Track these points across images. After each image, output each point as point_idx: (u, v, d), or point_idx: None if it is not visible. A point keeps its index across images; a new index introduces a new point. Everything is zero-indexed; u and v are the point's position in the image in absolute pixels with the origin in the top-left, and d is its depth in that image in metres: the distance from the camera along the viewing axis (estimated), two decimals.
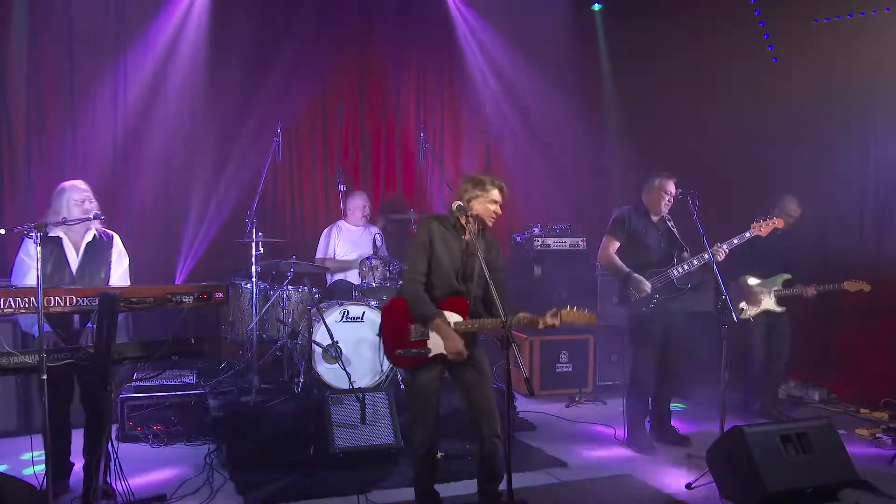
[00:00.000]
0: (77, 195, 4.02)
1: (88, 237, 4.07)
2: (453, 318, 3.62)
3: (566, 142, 7.97)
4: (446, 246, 3.64)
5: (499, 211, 3.71)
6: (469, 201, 3.67)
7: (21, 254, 3.98)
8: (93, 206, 4.04)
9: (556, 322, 3.58)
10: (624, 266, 4.97)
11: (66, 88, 6.16)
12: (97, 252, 4.08)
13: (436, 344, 3.63)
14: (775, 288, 5.73)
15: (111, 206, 6.06)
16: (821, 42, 6.40)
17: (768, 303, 5.74)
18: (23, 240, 3.99)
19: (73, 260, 4.01)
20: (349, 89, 7.25)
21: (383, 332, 3.82)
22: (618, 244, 5.07)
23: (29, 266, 3.91)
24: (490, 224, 3.70)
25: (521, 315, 3.56)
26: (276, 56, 6.91)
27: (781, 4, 6.76)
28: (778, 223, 4.99)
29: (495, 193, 3.67)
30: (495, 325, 3.55)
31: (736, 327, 4.42)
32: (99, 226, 4.12)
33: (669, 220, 5.07)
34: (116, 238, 4.21)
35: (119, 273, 4.15)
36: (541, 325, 3.58)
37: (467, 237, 3.68)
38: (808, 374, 6.56)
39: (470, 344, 3.67)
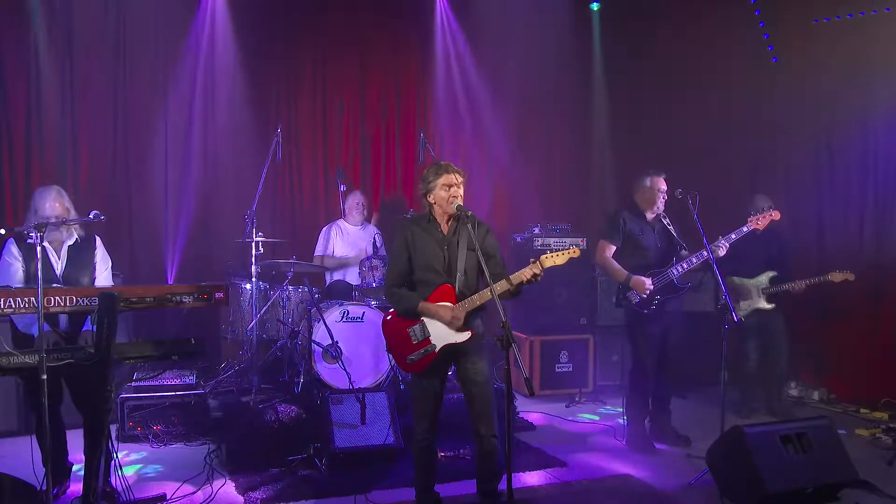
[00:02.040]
0: (53, 199, 3.98)
1: (70, 240, 4.06)
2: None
3: (565, 141, 7.97)
4: (424, 243, 3.71)
5: (457, 193, 3.68)
6: (428, 195, 3.71)
7: (5, 256, 3.96)
8: (71, 213, 4.01)
9: (538, 270, 3.58)
10: (622, 269, 4.97)
11: (66, 89, 6.16)
12: (80, 254, 4.07)
13: (438, 337, 3.65)
14: (762, 286, 5.76)
15: (110, 205, 6.11)
16: (821, 42, 6.40)
17: (757, 301, 5.76)
18: (5, 243, 3.98)
19: (57, 263, 4.00)
20: (349, 89, 7.25)
21: (390, 347, 3.85)
22: (614, 247, 5.07)
23: (12, 266, 3.91)
24: (449, 209, 3.68)
25: (501, 283, 3.54)
26: (275, 56, 6.91)
27: (781, 4, 6.76)
28: (775, 215, 4.98)
29: (444, 178, 3.68)
30: (484, 297, 3.58)
31: (730, 327, 4.42)
32: (79, 229, 4.11)
33: (665, 219, 5.06)
34: (98, 240, 4.19)
35: (104, 275, 4.14)
36: (520, 280, 3.57)
37: (442, 228, 3.72)
38: (808, 374, 6.56)
39: (472, 343, 3.68)
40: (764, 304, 5.77)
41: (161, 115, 6.49)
